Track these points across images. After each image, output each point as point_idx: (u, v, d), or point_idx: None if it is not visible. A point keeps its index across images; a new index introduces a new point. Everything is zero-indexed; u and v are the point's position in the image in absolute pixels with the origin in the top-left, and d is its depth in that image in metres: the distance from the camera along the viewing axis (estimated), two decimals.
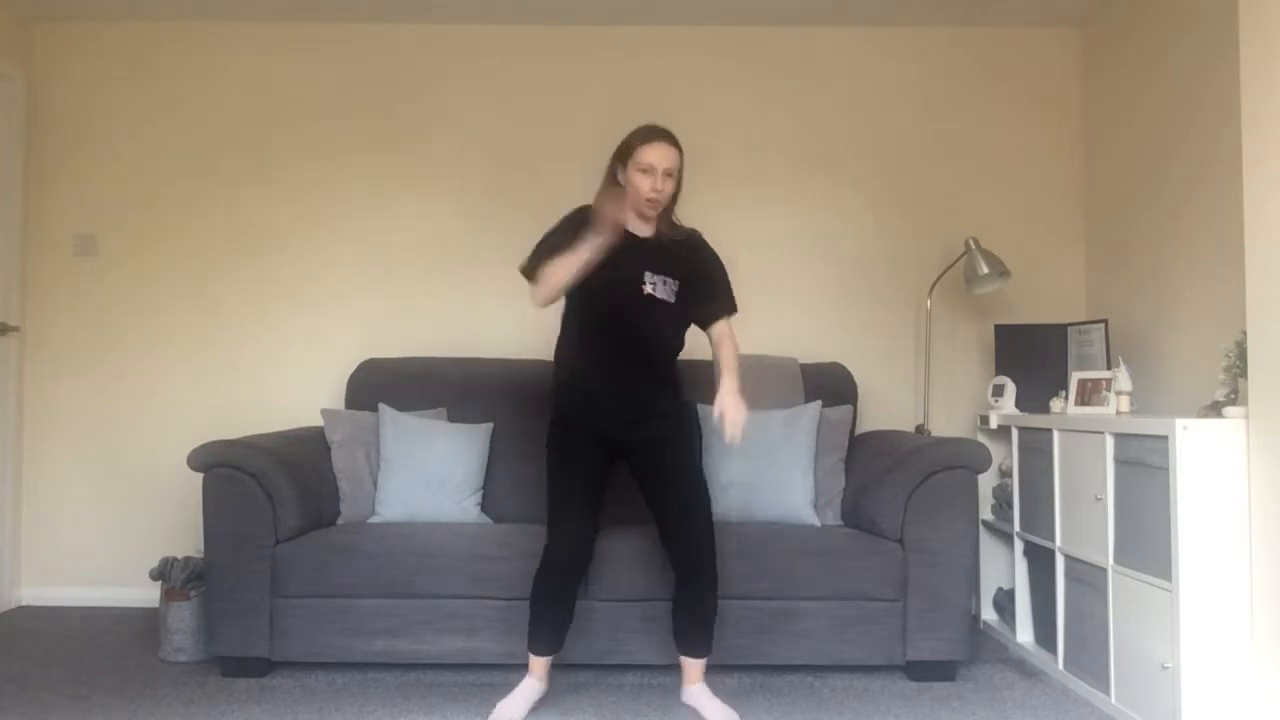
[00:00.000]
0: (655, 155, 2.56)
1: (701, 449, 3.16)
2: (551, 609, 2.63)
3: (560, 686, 2.85)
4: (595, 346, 2.65)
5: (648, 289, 2.61)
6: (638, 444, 2.67)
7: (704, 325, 2.73)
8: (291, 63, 4.04)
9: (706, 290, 2.71)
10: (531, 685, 2.65)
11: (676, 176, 2.61)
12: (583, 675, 3.00)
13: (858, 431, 3.58)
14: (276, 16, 4.00)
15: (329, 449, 3.37)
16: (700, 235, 2.75)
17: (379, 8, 3.92)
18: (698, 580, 2.62)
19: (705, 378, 2.77)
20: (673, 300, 2.64)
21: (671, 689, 2.82)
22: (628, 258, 2.58)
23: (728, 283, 2.74)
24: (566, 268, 2.54)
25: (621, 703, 2.78)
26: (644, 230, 2.65)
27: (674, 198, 2.65)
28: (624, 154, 2.60)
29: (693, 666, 2.68)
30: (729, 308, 2.73)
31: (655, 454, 2.66)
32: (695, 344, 2.81)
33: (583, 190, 3.98)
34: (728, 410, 2.54)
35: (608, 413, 2.64)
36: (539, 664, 2.67)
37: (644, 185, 2.56)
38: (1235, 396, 2.57)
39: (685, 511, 2.61)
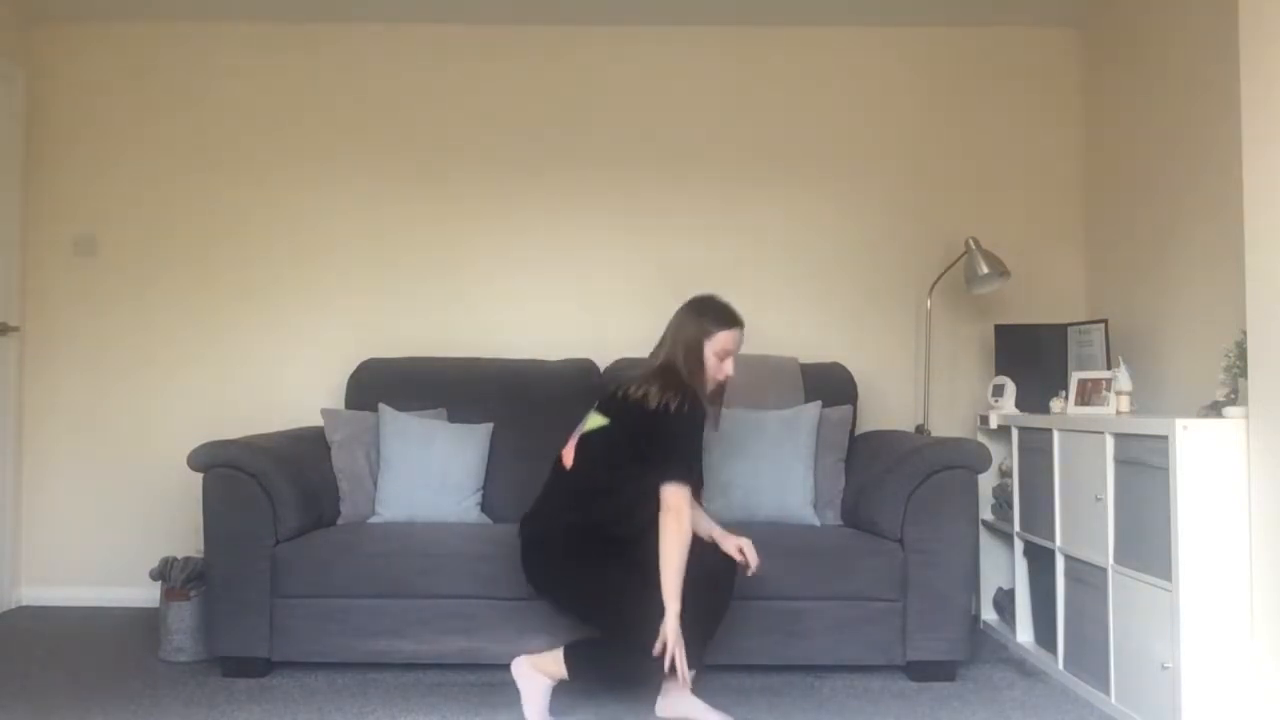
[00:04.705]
0: (735, 341, 2.67)
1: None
2: None
3: (560, 685, 2.84)
4: None
5: None
6: None
7: None
8: (290, 63, 4.04)
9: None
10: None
11: None
12: None
13: (858, 431, 3.58)
14: (276, 16, 4.00)
15: (329, 449, 3.37)
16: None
17: (379, 8, 3.92)
18: None
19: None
20: None
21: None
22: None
23: None
24: (667, 578, 2.46)
25: (622, 701, 2.78)
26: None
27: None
28: (702, 333, 2.65)
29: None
30: None
31: None
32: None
33: (583, 192, 4.04)
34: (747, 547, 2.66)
35: None
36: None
37: (723, 367, 2.66)
38: (1235, 396, 2.57)
39: None
